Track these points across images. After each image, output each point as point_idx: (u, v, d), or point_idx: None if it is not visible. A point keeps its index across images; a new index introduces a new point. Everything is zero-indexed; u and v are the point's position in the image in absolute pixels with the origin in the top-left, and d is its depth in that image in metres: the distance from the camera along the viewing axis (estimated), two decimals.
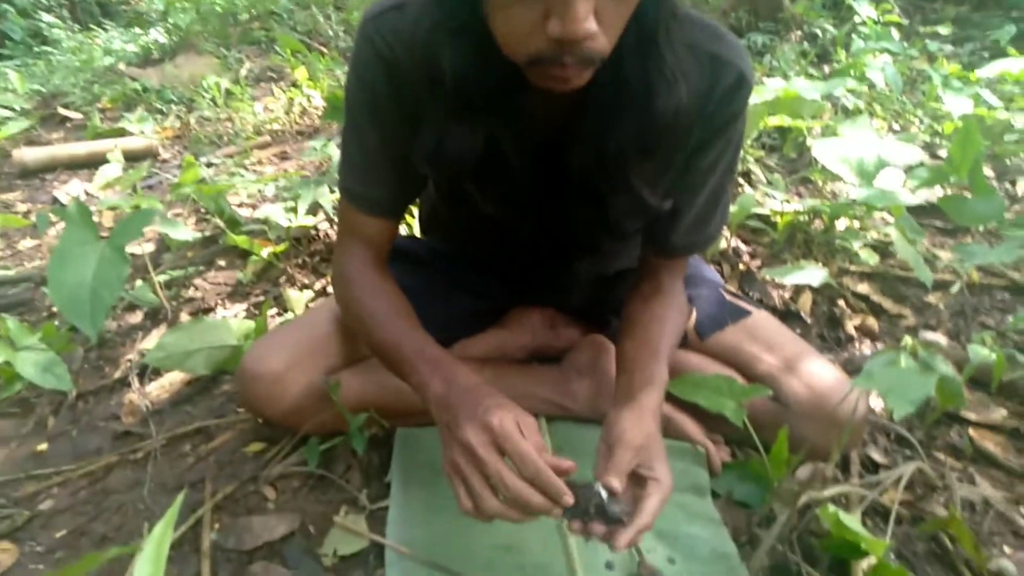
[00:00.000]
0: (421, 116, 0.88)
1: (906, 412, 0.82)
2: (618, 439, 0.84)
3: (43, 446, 1.23)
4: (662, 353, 0.99)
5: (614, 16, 0.68)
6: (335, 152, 2.04)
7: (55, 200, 2.53)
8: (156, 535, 0.66)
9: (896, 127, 2.85)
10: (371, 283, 1.00)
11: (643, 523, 0.79)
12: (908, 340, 1.33)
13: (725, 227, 1.75)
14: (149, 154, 2.86)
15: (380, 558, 0.96)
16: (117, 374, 1.42)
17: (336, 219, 1.88)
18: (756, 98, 1.92)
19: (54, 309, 1.69)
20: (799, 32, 3.98)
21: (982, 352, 1.23)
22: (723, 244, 1.77)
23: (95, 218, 2.12)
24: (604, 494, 0.78)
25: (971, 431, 1.26)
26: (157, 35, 4.98)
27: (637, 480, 0.85)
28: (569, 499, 0.74)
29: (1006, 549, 1.05)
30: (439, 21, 0.75)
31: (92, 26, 6.05)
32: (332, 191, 1.74)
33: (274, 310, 1.58)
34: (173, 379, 1.37)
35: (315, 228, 1.83)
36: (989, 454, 1.22)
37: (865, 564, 0.96)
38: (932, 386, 0.84)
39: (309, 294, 1.61)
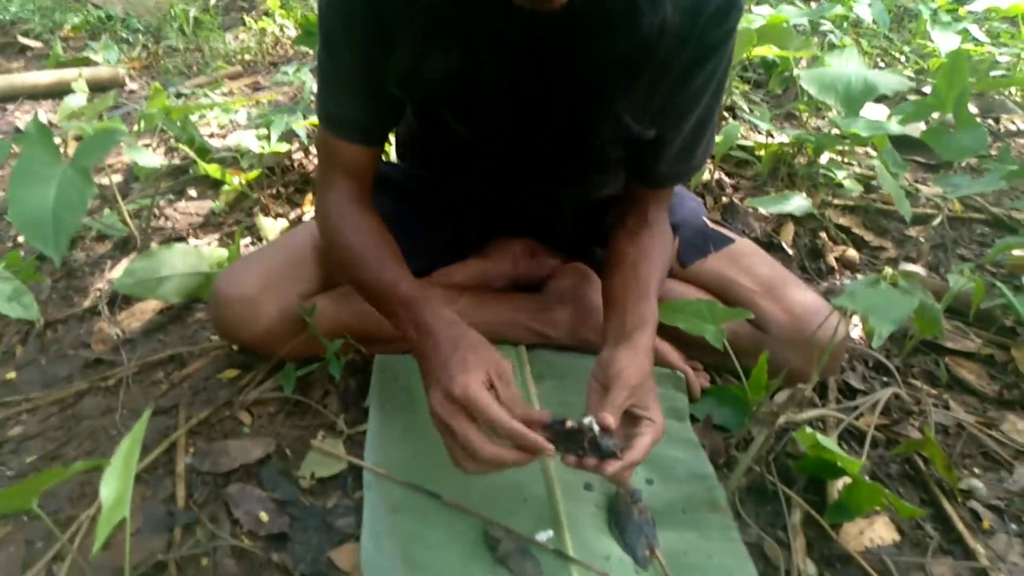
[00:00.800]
0: (395, 39, 0.84)
1: (887, 331, 0.82)
2: (616, 377, 0.84)
3: (11, 374, 1.20)
4: (652, 290, 0.98)
5: None
6: (309, 79, 1.97)
7: (17, 130, 2.43)
8: (124, 449, 0.64)
9: (882, 65, 2.82)
10: (352, 219, 0.97)
11: (635, 458, 0.79)
12: (888, 270, 1.33)
13: (710, 158, 1.73)
14: (115, 84, 2.75)
15: (358, 480, 0.96)
16: (86, 303, 1.38)
17: (313, 149, 1.83)
18: (743, 25, 1.87)
19: (19, 239, 1.64)
20: None
21: (961, 280, 1.23)
22: (706, 176, 1.75)
23: (60, 148, 2.05)
24: (597, 429, 0.77)
25: (947, 359, 1.27)
26: None
27: (630, 419, 0.84)
28: (550, 451, 0.75)
29: (976, 471, 1.07)
30: None
31: None
32: (306, 117, 1.68)
33: (247, 239, 1.54)
34: (144, 308, 1.34)
35: (289, 157, 1.78)
36: (964, 381, 1.23)
37: (840, 483, 0.97)
38: (912, 305, 0.84)
39: (284, 223, 1.57)
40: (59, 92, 2.60)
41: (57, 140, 1.99)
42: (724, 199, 1.70)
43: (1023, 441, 1.11)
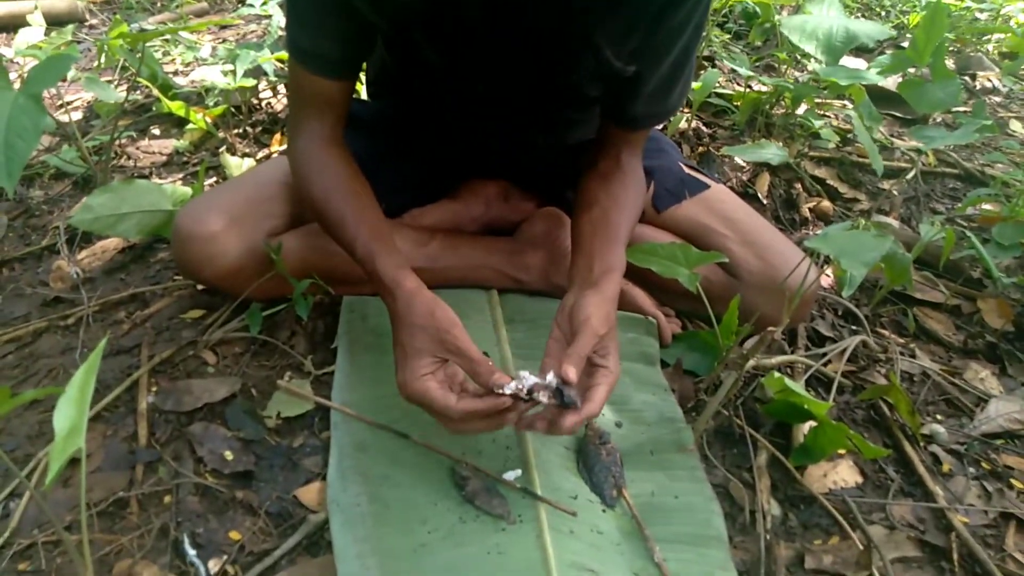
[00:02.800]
0: None
1: (859, 271, 0.81)
2: (584, 324, 0.82)
3: None
4: (621, 237, 0.96)
5: None
6: (277, 13, 1.89)
7: None
8: (78, 379, 0.62)
9: (863, 19, 2.79)
10: (322, 162, 0.95)
11: (591, 411, 0.78)
12: (861, 221, 1.33)
13: (686, 103, 1.70)
14: (74, 18, 2.63)
15: (325, 420, 0.95)
16: (44, 242, 1.33)
17: (282, 88, 1.77)
18: None
19: None
20: None
21: (932, 231, 1.23)
22: (684, 124, 1.73)
23: (16, 83, 1.96)
24: (555, 383, 0.76)
25: (915, 309, 1.28)
26: None
27: (588, 367, 0.83)
28: (512, 418, 0.76)
29: (939, 417, 1.08)
30: None
31: None
32: (274, 52, 1.62)
33: (213, 179, 1.49)
34: (106, 246, 1.30)
35: (257, 96, 1.72)
36: (931, 331, 1.25)
37: (806, 427, 0.98)
38: (885, 248, 0.83)
39: (250, 163, 1.52)
40: (13, 26, 2.48)
41: (14, 76, 1.91)
42: (701, 148, 1.69)
43: (984, 389, 1.13)
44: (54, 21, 2.56)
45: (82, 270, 1.24)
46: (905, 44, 2.44)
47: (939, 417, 1.08)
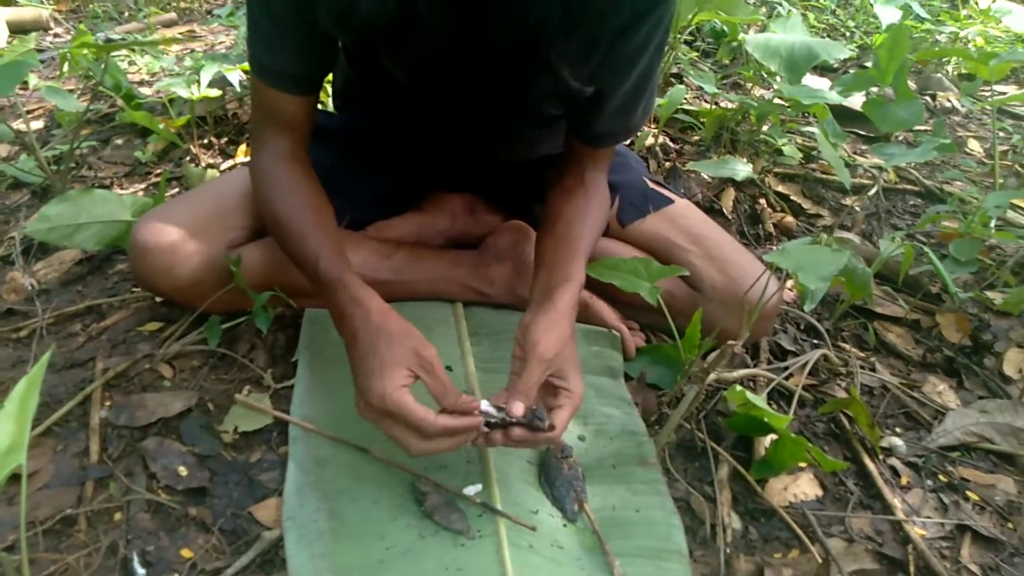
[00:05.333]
0: None
1: (817, 287, 0.82)
2: (531, 350, 0.81)
3: None
4: (582, 251, 0.96)
5: None
6: (244, 24, 1.88)
7: None
8: (19, 392, 0.60)
9: (828, 38, 2.85)
10: (283, 179, 0.94)
11: (553, 435, 0.78)
12: (823, 236, 1.35)
13: (653, 119, 1.72)
14: (39, 27, 2.59)
15: (283, 435, 0.93)
16: None
17: (248, 99, 1.75)
18: None
19: None
20: None
21: (891, 247, 1.25)
22: (650, 140, 1.75)
23: None
24: (527, 413, 0.77)
25: (875, 323, 1.30)
26: None
27: (550, 389, 0.83)
28: (480, 439, 0.78)
29: (898, 430, 1.10)
30: None
31: None
32: (239, 64, 1.61)
33: (175, 190, 1.47)
34: (63, 257, 1.27)
35: (223, 106, 1.70)
36: (890, 344, 1.27)
37: (767, 440, 0.98)
38: (842, 262, 0.84)
39: (214, 173, 1.50)
40: None
41: None
42: (668, 163, 1.70)
43: (942, 402, 1.15)
44: (19, 30, 2.52)
45: (37, 282, 1.21)
46: (868, 64, 2.50)
47: (898, 430, 1.09)
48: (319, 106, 1.03)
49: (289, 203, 0.92)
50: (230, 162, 1.59)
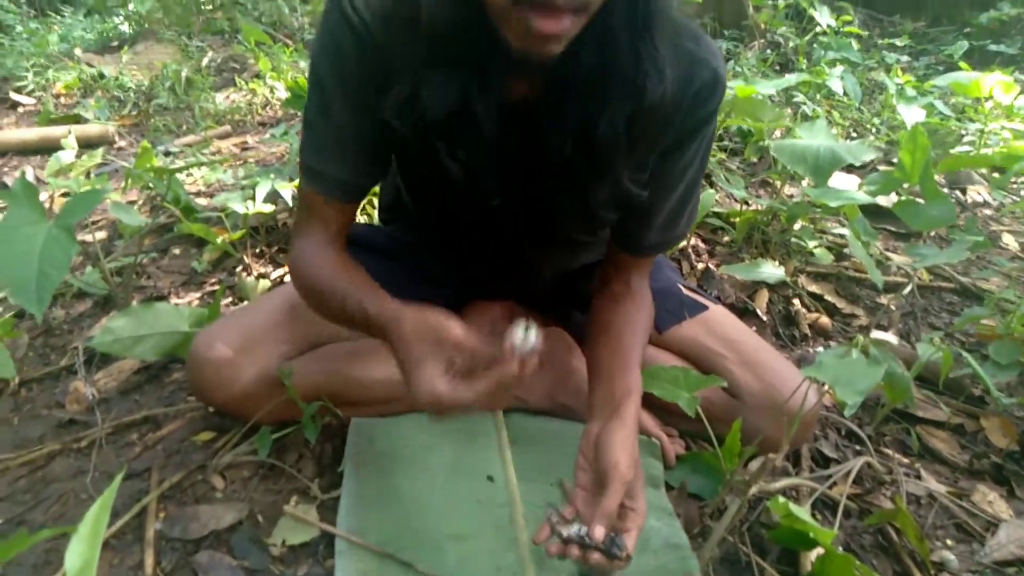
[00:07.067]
0: (393, 69, 0.83)
1: (854, 402, 0.83)
2: (612, 470, 0.83)
3: None
4: (635, 360, 0.99)
5: None
6: (296, 141, 2.01)
7: (4, 185, 2.45)
8: (92, 515, 0.64)
9: (854, 135, 2.92)
10: (329, 258, 0.96)
11: (626, 566, 0.80)
12: (860, 338, 1.36)
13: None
14: (104, 141, 2.79)
15: (330, 548, 0.95)
16: (63, 362, 1.37)
17: (295, 208, 1.85)
18: None
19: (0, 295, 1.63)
20: (763, 40, 4.06)
21: (930, 350, 1.26)
22: (683, 243, 1.79)
23: (46, 204, 2.06)
24: (605, 539, 0.80)
25: (918, 428, 1.29)
26: (117, 23, 4.86)
27: (618, 510, 0.84)
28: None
29: (948, 542, 1.07)
30: None
31: (50, 12, 5.88)
32: (292, 180, 1.71)
33: (229, 298, 1.55)
34: (122, 367, 1.33)
35: (274, 218, 1.80)
36: (935, 450, 1.25)
37: (813, 554, 0.97)
38: (879, 377, 0.86)
39: (266, 283, 1.58)
40: (49, 148, 2.62)
41: (44, 196, 2.01)
42: (700, 265, 1.74)
43: (994, 512, 1.12)
44: (86, 144, 2.71)
45: (98, 391, 1.27)
46: (896, 159, 2.54)
47: (949, 542, 1.07)
48: (365, 219, 1.08)
49: (327, 271, 0.93)
50: (280, 271, 1.67)
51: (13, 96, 3.46)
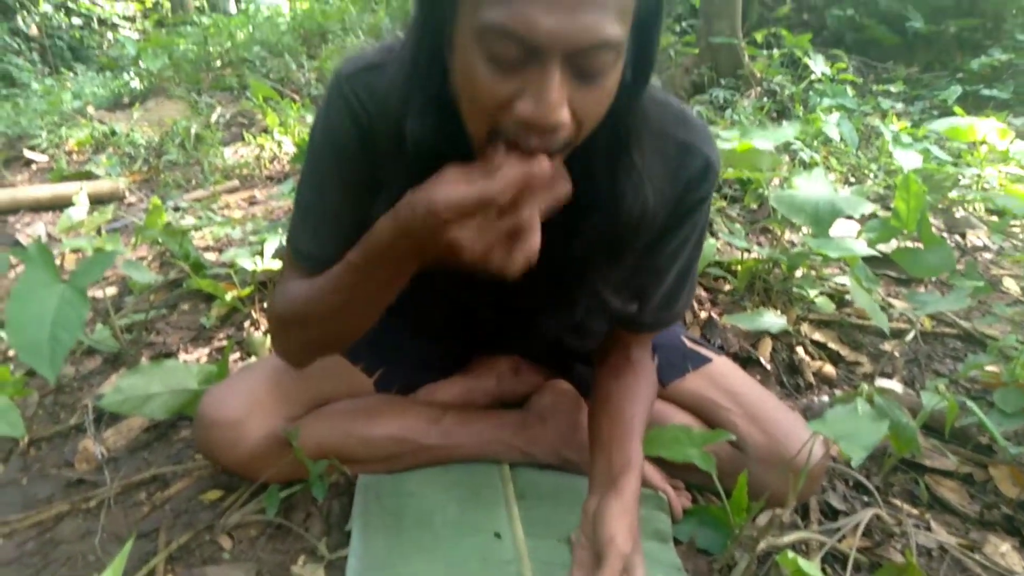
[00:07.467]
0: (384, 178, 0.84)
1: (859, 457, 0.84)
2: (609, 545, 0.84)
3: None
4: (637, 432, 1.00)
5: (588, 110, 0.66)
6: None
7: (16, 242, 2.49)
8: None
9: (852, 180, 2.96)
10: (299, 282, 0.90)
11: None
12: (864, 387, 1.36)
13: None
14: (115, 197, 2.85)
15: None
16: (73, 420, 1.38)
17: None
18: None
19: (10, 353, 1.65)
20: (759, 88, 4.14)
21: (934, 399, 1.26)
22: None
23: (57, 260, 2.10)
24: None
25: (926, 477, 1.28)
26: (128, 80, 4.99)
27: None
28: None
29: None
30: (409, 92, 0.75)
31: (63, 70, 6.04)
32: None
33: (237, 354, 1.56)
34: (131, 424, 1.34)
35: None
36: (944, 500, 1.24)
37: None
38: (883, 432, 0.86)
39: None
40: (61, 205, 2.68)
41: (56, 252, 2.05)
42: (703, 314, 1.75)
43: (1007, 565, 1.11)
44: (98, 199, 2.76)
45: (107, 449, 1.28)
46: (894, 204, 2.57)
47: None
48: None
49: (305, 286, 0.88)
50: None
51: (27, 154, 3.54)
